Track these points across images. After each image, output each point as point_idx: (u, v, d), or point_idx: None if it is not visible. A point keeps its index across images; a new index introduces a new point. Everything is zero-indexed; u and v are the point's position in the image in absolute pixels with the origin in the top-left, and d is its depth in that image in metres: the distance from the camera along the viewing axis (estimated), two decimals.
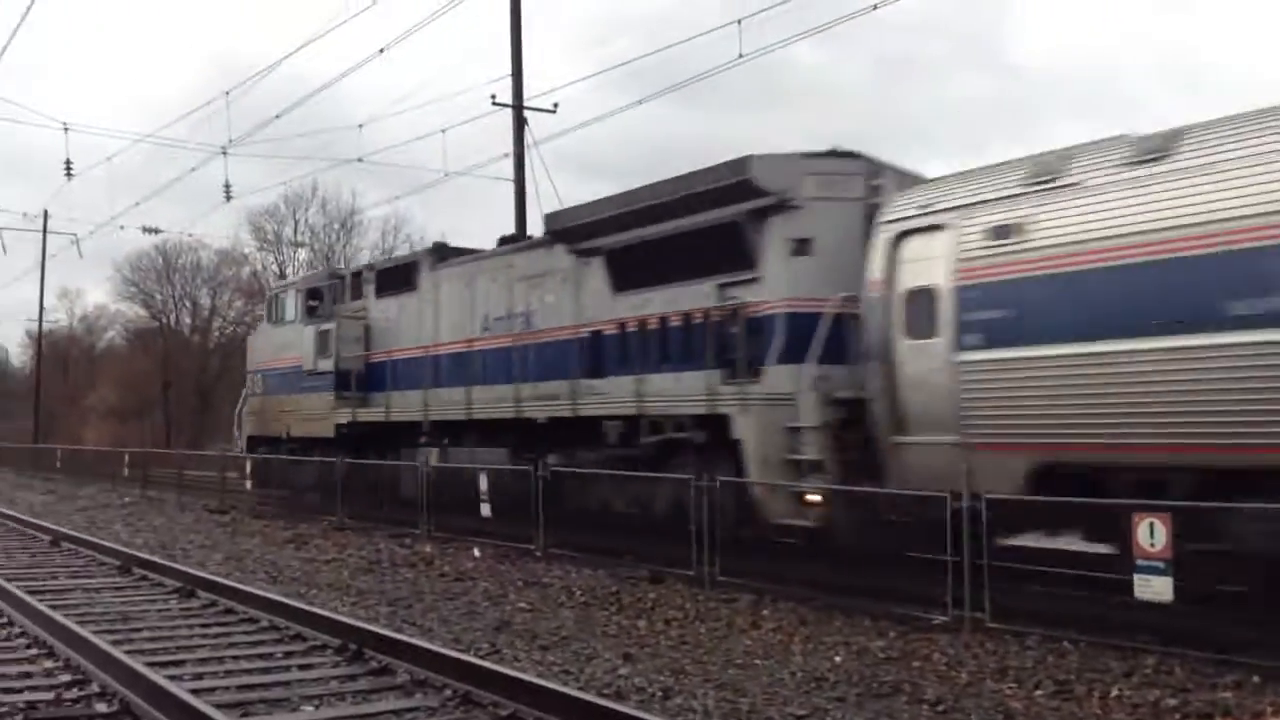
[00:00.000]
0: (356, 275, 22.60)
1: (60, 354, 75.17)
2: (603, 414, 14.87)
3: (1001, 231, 10.19)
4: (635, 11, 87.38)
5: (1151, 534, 8.36)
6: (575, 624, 9.99)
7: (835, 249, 12.37)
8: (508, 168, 25.90)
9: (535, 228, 22.39)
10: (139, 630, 9.68)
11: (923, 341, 10.80)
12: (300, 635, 9.20)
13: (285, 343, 23.60)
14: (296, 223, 73.59)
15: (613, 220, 14.99)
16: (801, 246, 12.69)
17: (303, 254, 73.13)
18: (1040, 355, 9.72)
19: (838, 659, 8.44)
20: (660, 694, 7.31)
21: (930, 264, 10.83)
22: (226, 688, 7.49)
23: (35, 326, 67.64)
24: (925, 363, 10.74)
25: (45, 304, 61.38)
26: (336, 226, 74.04)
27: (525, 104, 25.49)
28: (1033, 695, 7.36)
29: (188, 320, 76.53)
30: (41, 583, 12.47)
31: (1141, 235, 9.09)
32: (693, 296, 13.77)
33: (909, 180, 12.75)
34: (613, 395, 14.82)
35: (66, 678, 7.76)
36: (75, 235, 48.36)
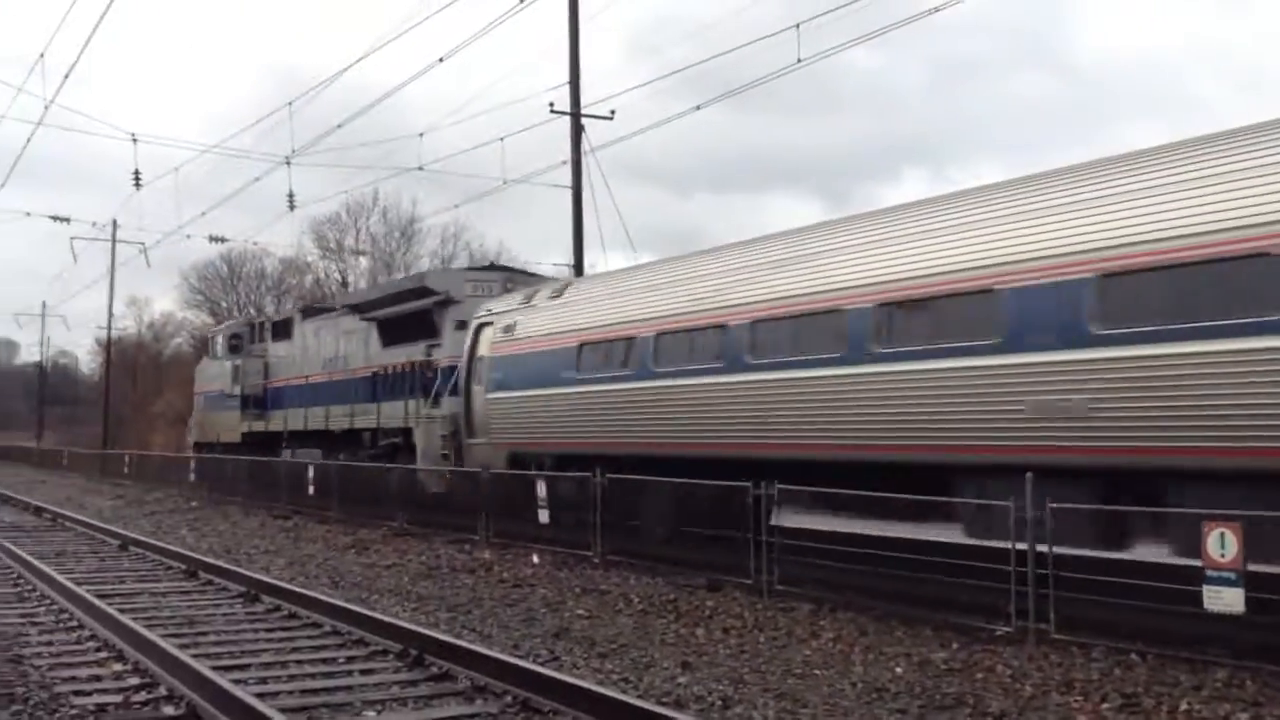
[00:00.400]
0: (261, 325, 31.69)
1: (129, 361, 76.84)
2: (363, 427, 23.96)
3: (508, 329, 18.31)
4: (686, 16, 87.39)
5: (1222, 544, 8.18)
6: (633, 631, 9.99)
7: None
8: (565, 175, 26.10)
9: (592, 235, 26.01)
10: (205, 634, 9.85)
11: (478, 387, 18.86)
12: (362, 640, 9.31)
13: (216, 374, 32.46)
14: (358, 231, 74.69)
15: (376, 302, 24.99)
16: (461, 325, 20.35)
17: (364, 262, 74.15)
18: (512, 395, 17.84)
19: (899, 670, 8.35)
20: (720, 703, 7.29)
21: (485, 344, 18.81)
22: (290, 692, 7.60)
23: (104, 334, 69.32)
24: (480, 399, 18.80)
25: (114, 311, 62.84)
26: (397, 235, 75.03)
27: (583, 111, 25.63)
28: (1099, 709, 7.22)
29: None
30: (111, 587, 12.75)
31: (547, 336, 17.29)
32: (410, 353, 22.30)
33: (533, 282, 21.58)
34: (370, 415, 23.59)
35: (135, 681, 7.92)
36: (143, 244, 49.47)
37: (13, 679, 7.62)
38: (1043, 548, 9.24)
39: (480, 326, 19.12)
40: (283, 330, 29.72)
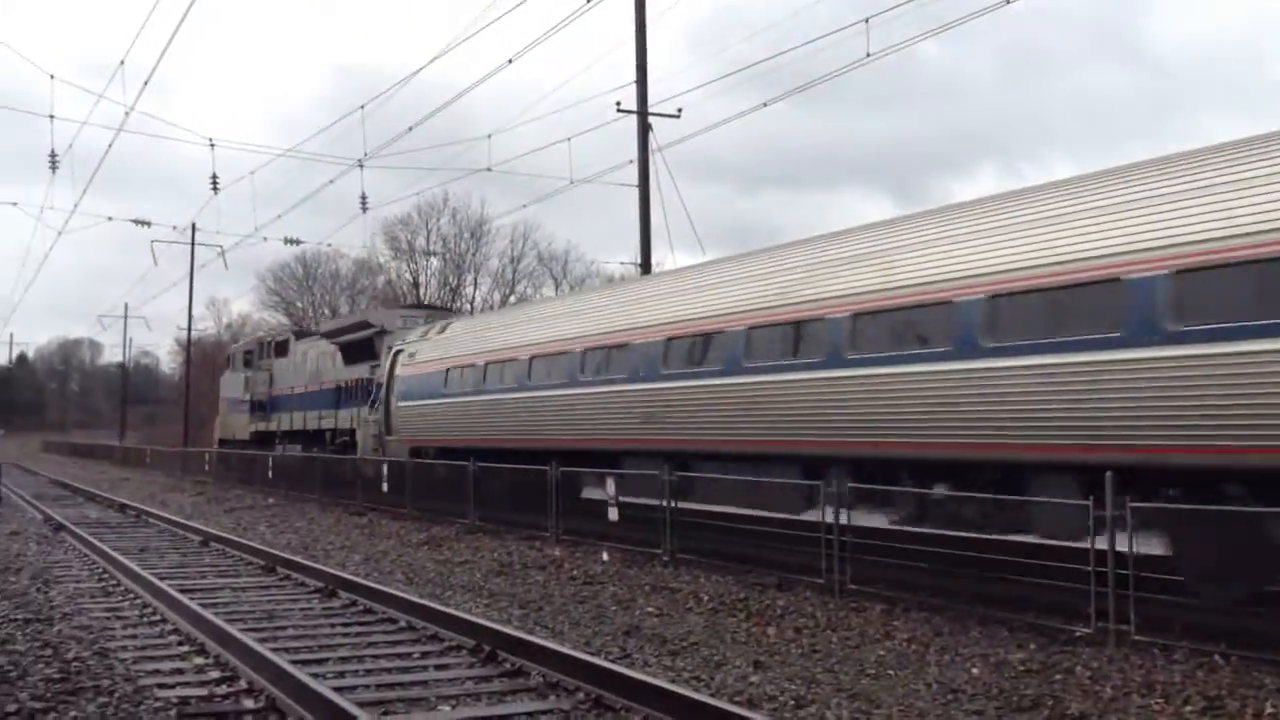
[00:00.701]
0: (267, 344, 40.34)
1: (208, 361, 78.44)
2: (328, 428, 31.59)
3: (411, 356, 24.44)
4: (746, 11, 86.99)
5: None
6: (704, 630, 9.97)
7: None
8: (633, 173, 26.13)
9: (659, 233, 26.81)
10: (284, 628, 10.04)
11: (393, 398, 25.00)
12: (436, 636, 9.42)
13: (233, 383, 42.27)
14: (429, 232, 75.60)
15: (340, 330, 32.83)
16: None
17: (434, 263, 75.02)
18: (411, 404, 23.96)
19: (975, 671, 8.23)
20: (792, 703, 7.25)
21: (399, 366, 24.81)
22: (367, 686, 7.72)
23: (185, 334, 70.98)
24: (394, 407, 24.91)
25: (194, 313, 64.34)
26: (467, 235, 75.77)
27: (649, 110, 25.63)
28: (1181, 711, 7.05)
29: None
30: (192, 582, 13.05)
31: (430, 364, 23.33)
32: (359, 371, 29.57)
33: (449, 318, 28.45)
34: (332, 418, 31.39)
35: (216, 674, 8.09)
36: (221, 247, 50.51)
37: (99, 672, 7.83)
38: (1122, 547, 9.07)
39: (396, 353, 25.55)
40: (282, 349, 38.12)
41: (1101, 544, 9.24)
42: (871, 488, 11.75)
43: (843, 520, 11.55)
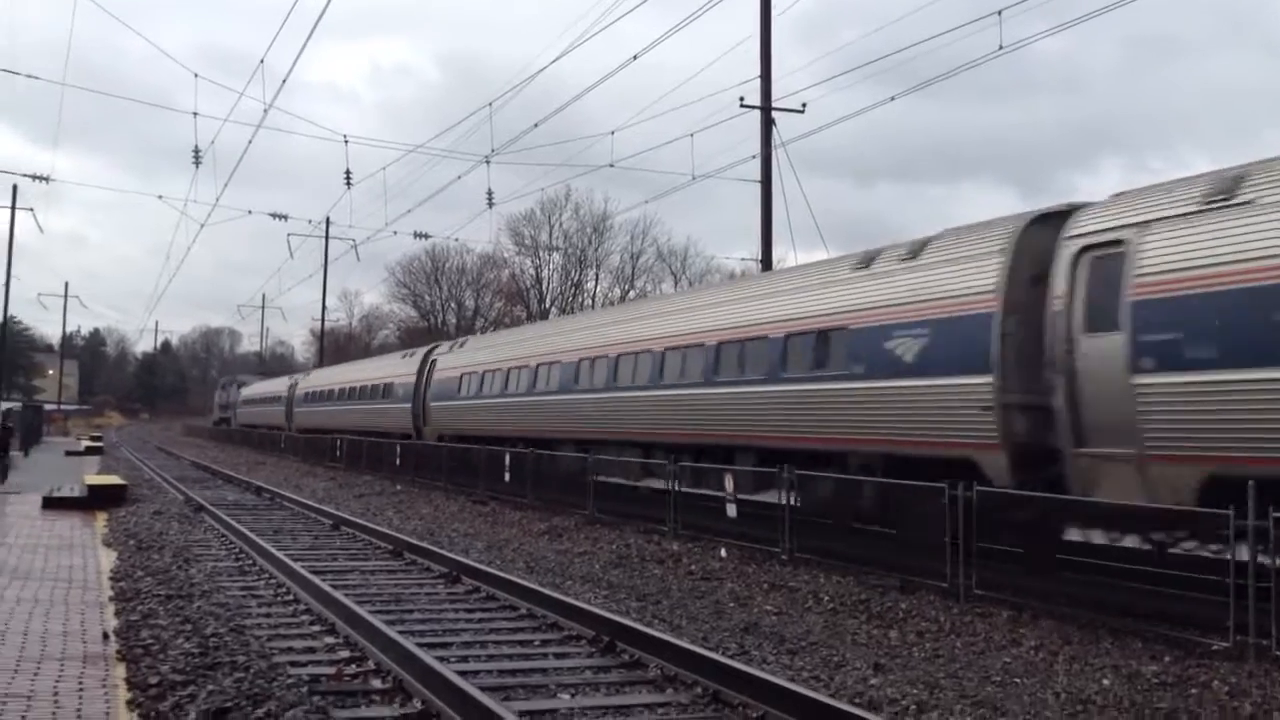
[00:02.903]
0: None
1: (340, 350, 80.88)
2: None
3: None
4: (857, 2, 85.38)
5: None
6: (823, 630, 9.88)
7: None
8: (754, 169, 26.01)
9: (780, 226, 29.02)
10: (410, 612, 10.31)
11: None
12: (556, 625, 9.55)
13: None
14: (551, 228, 76.54)
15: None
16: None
17: (556, 258, 75.94)
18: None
19: (1105, 682, 7.98)
20: (914, 707, 7.14)
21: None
22: (490, 671, 7.88)
23: (318, 325, 73.32)
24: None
25: (327, 304, 66.50)
26: (589, 231, 76.54)
27: (773, 105, 25.47)
28: None
29: (453, 320, 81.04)
30: (323, 564, 13.49)
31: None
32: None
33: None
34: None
35: (345, 654, 8.36)
36: (354, 240, 52.32)
37: (235, 648, 8.15)
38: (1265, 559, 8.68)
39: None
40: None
41: (1242, 555, 8.85)
42: (1001, 491, 11.44)
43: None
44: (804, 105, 25.98)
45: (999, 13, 17.70)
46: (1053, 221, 12.12)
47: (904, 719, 6.89)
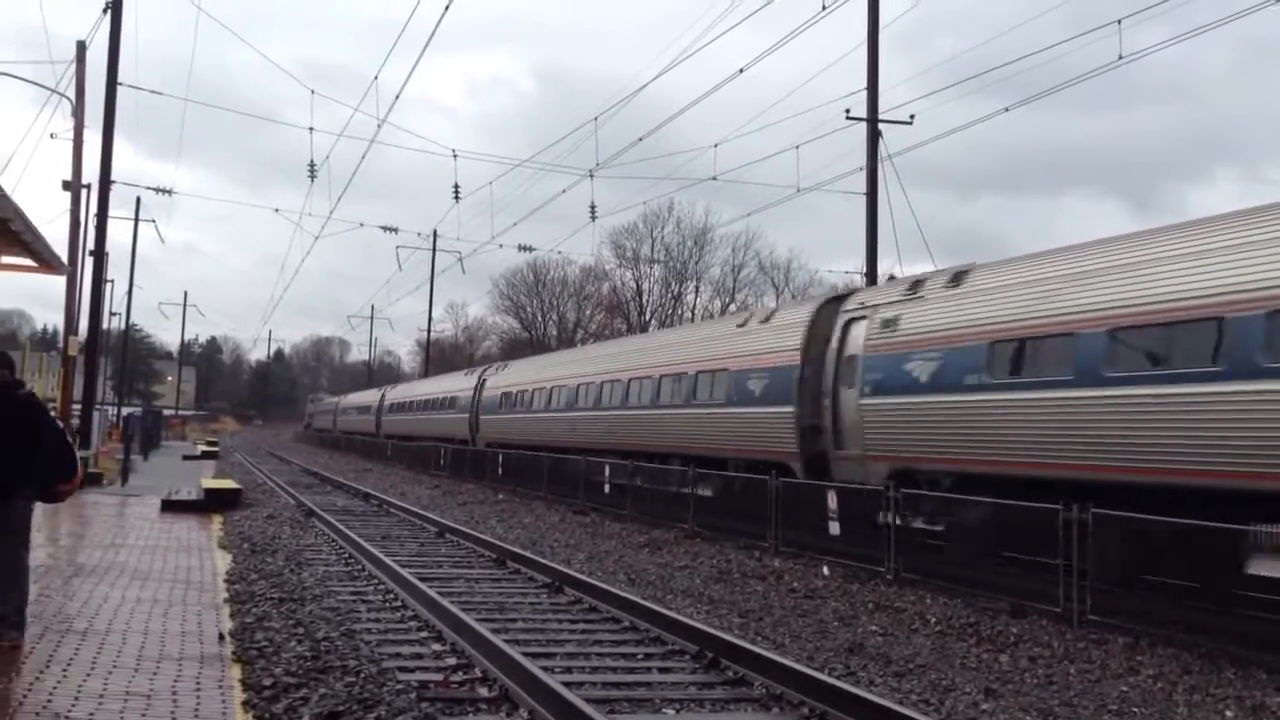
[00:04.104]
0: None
1: (446, 360, 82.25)
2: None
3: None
4: (950, 9, 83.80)
5: None
6: (931, 652, 9.68)
7: None
8: (858, 181, 25.75)
9: (886, 239, 26.79)
10: (514, 621, 10.38)
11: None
12: (659, 638, 9.52)
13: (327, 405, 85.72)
14: (653, 240, 76.81)
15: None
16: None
17: (657, 270, 76.15)
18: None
19: (1229, 714, 7.67)
20: None
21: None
22: (594, 683, 7.87)
23: (424, 335, 74.79)
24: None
25: (433, 315, 67.68)
26: (690, 244, 76.59)
27: (880, 117, 25.20)
28: None
29: (553, 331, 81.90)
30: (430, 570, 13.68)
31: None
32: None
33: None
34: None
35: (452, 661, 8.45)
36: (459, 253, 53.31)
37: (346, 652, 8.28)
38: None
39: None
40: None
41: None
42: (1120, 514, 11.06)
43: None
44: (912, 117, 25.71)
45: (1119, 21, 17.28)
46: (840, 301, 18.08)
47: None
